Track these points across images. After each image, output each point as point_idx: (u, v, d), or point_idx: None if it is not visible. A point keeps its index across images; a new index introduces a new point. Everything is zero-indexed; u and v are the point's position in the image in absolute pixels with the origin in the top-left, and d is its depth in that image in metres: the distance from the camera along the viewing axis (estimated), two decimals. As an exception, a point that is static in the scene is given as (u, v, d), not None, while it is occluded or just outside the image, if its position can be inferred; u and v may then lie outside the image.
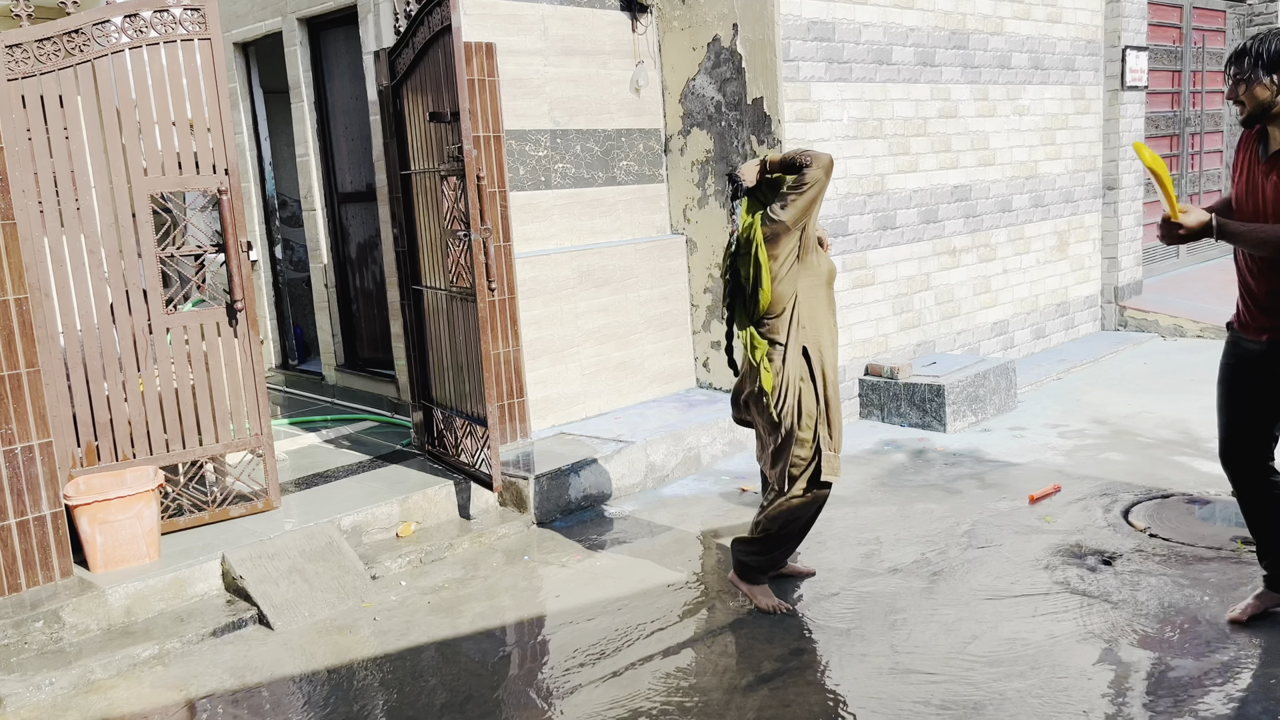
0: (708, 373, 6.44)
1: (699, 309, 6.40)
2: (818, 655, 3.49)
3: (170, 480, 4.37)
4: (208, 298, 4.60)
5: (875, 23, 6.25)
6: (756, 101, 5.82)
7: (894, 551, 4.29)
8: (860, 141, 6.22)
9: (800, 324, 3.62)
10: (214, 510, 4.44)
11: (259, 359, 4.49)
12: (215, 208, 4.35)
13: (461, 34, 4.39)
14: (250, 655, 3.72)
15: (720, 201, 6.13)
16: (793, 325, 3.61)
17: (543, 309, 5.66)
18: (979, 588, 3.87)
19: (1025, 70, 7.43)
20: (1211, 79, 10.02)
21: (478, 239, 4.48)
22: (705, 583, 4.13)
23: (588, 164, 5.95)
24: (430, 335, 5.14)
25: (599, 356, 5.96)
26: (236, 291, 4.36)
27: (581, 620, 3.86)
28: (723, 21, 5.90)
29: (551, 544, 4.66)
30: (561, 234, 5.86)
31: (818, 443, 3.66)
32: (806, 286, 3.62)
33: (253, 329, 4.45)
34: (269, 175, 7.09)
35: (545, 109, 5.72)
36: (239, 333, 4.43)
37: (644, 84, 6.15)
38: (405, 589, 4.23)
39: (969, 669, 3.30)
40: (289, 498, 4.74)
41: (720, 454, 5.72)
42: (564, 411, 5.81)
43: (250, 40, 6.72)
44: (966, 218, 7.07)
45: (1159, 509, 4.55)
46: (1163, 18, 9.15)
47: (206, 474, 4.58)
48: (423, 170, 4.94)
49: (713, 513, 4.93)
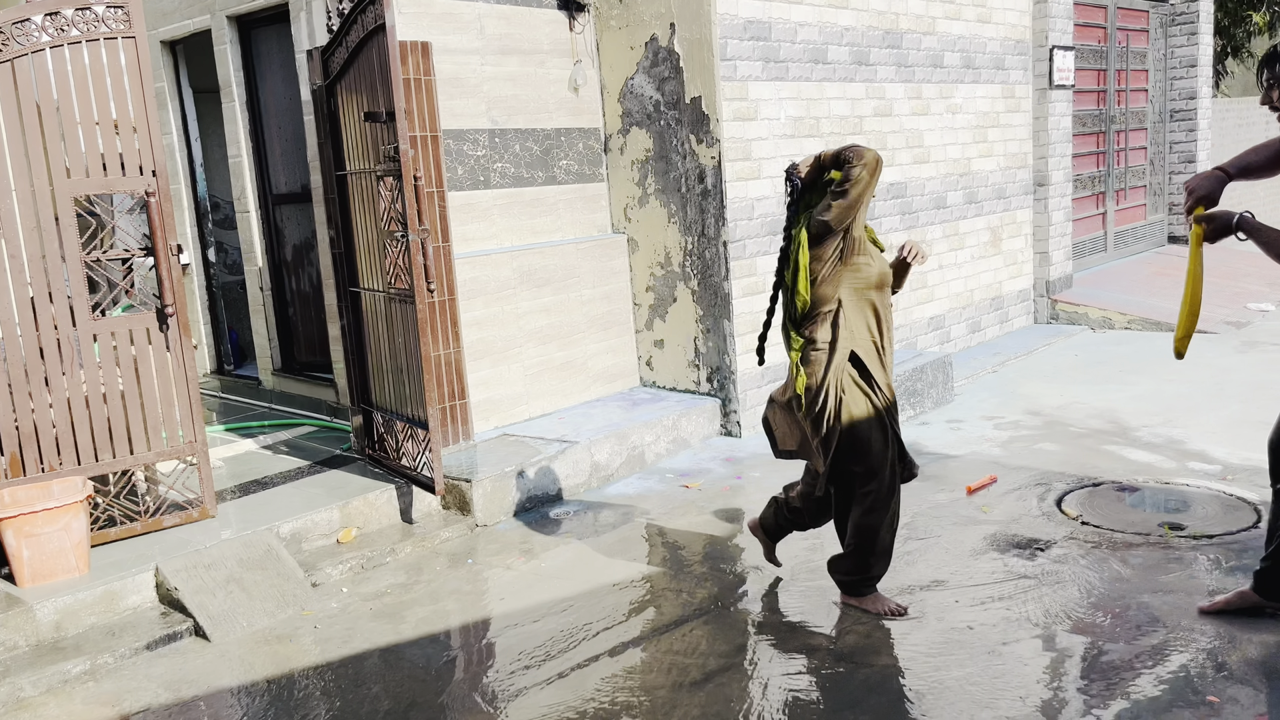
0: (651, 371, 6.45)
1: (641, 308, 6.41)
2: (761, 650, 3.51)
3: (100, 491, 4.25)
4: (137, 303, 4.48)
5: (811, 22, 6.31)
6: (695, 100, 5.84)
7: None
8: (798, 140, 6.28)
9: (848, 328, 3.46)
10: (146, 520, 4.33)
11: (191, 364, 4.39)
12: (143, 210, 4.24)
13: (396, 32, 4.34)
14: (186, 668, 3.64)
15: (660, 201, 6.15)
16: (839, 329, 3.46)
17: (484, 310, 5.62)
18: (919, 579, 3.94)
19: (957, 69, 7.57)
20: (1135, 78, 10.31)
21: (415, 240, 4.43)
22: (651, 581, 4.14)
23: (527, 163, 5.92)
24: (369, 338, 5.07)
25: (542, 357, 5.94)
26: (167, 296, 4.26)
27: (527, 622, 3.84)
28: (660, 21, 5.91)
29: (496, 546, 4.63)
30: (502, 234, 5.82)
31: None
32: (852, 289, 3.46)
33: (184, 334, 4.35)
34: (200, 177, 6.93)
35: (483, 108, 5.68)
36: (170, 338, 4.33)
37: (583, 83, 6.14)
38: (347, 595, 4.17)
39: (910, 659, 3.36)
40: (226, 505, 4.64)
41: (664, 452, 5.73)
42: (507, 413, 5.77)
43: (178, 39, 6.57)
44: (902, 214, 7.18)
45: (1090, 497, 4.68)
46: (1089, 18, 9.39)
47: (138, 483, 4.46)
48: (359, 171, 4.88)
49: (658, 510, 4.95)
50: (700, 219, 5.97)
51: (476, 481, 4.83)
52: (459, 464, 5.04)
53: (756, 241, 6.05)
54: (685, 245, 6.08)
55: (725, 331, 5.99)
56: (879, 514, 3.57)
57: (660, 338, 6.35)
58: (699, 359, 6.17)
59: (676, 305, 6.21)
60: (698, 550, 4.43)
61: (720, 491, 5.15)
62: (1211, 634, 3.35)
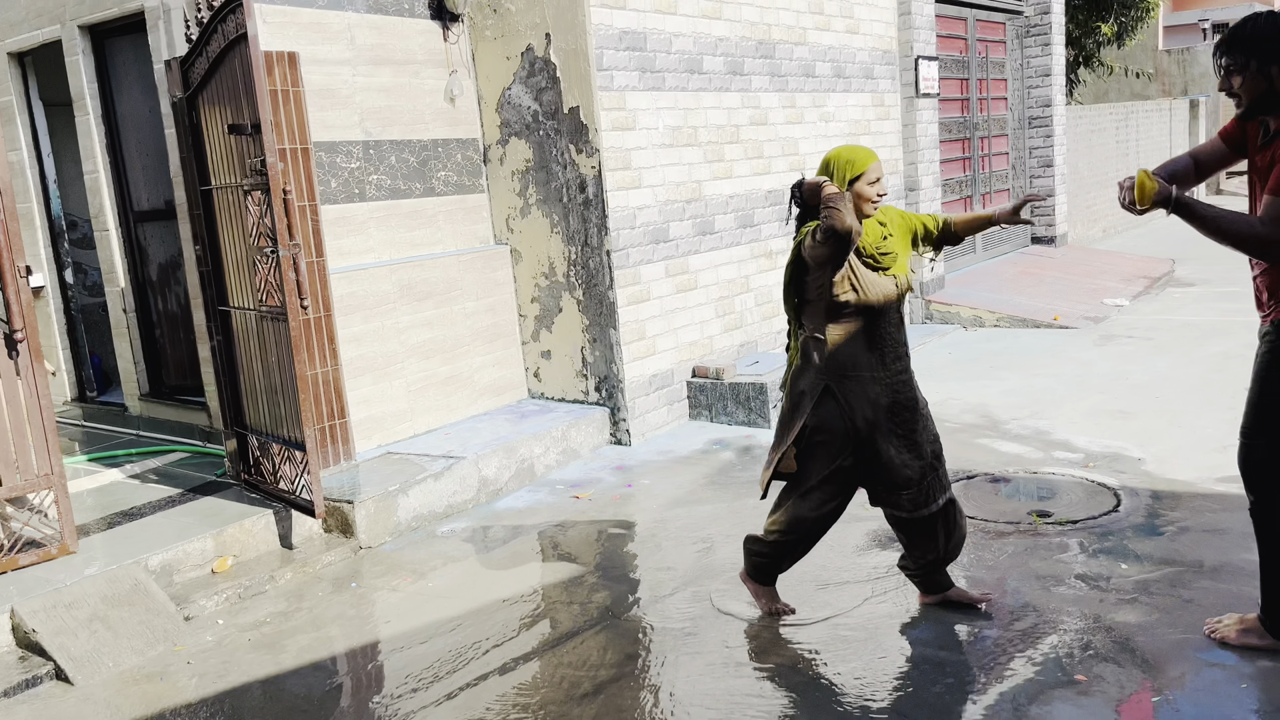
0: (539, 383, 6.41)
1: (527, 319, 6.36)
2: (653, 657, 3.51)
3: (-54, 531, 3.96)
4: (-17, 329, 4.21)
5: (686, 33, 6.39)
6: (573, 110, 5.84)
7: (726, 548, 4.38)
8: (677, 149, 6.35)
9: (833, 354, 3.34)
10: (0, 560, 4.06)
11: (45, 391, 4.14)
12: (-13, 230, 3.98)
13: (259, 42, 4.20)
14: (46, 714, 3.42)
15: (543, 211, 6.12)
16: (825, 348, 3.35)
17: (363, 325, 5.48)
18: (806, 577, 4.00)
19: (829, 79, 7.79)
20: (996, 86, 10.79)
21: (287, 255, 4.29)
22: (543, 594, 4.10)
23: (404, 175, 5.81)
24: (241, 358, 4.88)
25: (426, 371, 5.83)
26: (15, 320, 4.01)
27: (415, 644, 3.75)
28: (535, 31, 5.89)
29: (381, 568, 4.51)
30: (380, 247, 5.70)
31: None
32: (842, 312, 3.32)
33: (37, 360, 4.11)
34: (54, 194, 6.57)
35: (357, 119, 5.55)
36: (21, 365, 4.08)
37: (459, 93, 6.07)
38: (223, 628, 3.99)
39: (796, 657, 3.41)
40: (90, 540, 4.39)
41: (554, 464, 5.70)
42: (391, 430, 5.64)
43: (26, 50, 6.21)
44: (781, 221, 7.33)
45: (966, 489, 4.85)
46: (950, 29, 9.80)
47: (-10, 521, 4.18)
48: (225, 185, 4.70)
49: (548, 523, 4.91)
50: (583, 228, 5.96)
51: (359, 502, 4.70)
52: (340, 485, 4.90)
53: (640, 250, 6.08)
54: (569, 255, 6.06)
55: (612, 340, 6.00)
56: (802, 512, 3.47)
57: (547, 349, 6.32)
58: (587, 369, 6.16)
59: (562, 315, 6.19)
60: (590, 561, 4.41)
61: (610, 501, 5.14)
62: (1077, 615, 3.51)
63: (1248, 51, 2.88)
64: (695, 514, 4.84)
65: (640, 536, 4.65)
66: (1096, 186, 14.24)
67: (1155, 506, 4.46)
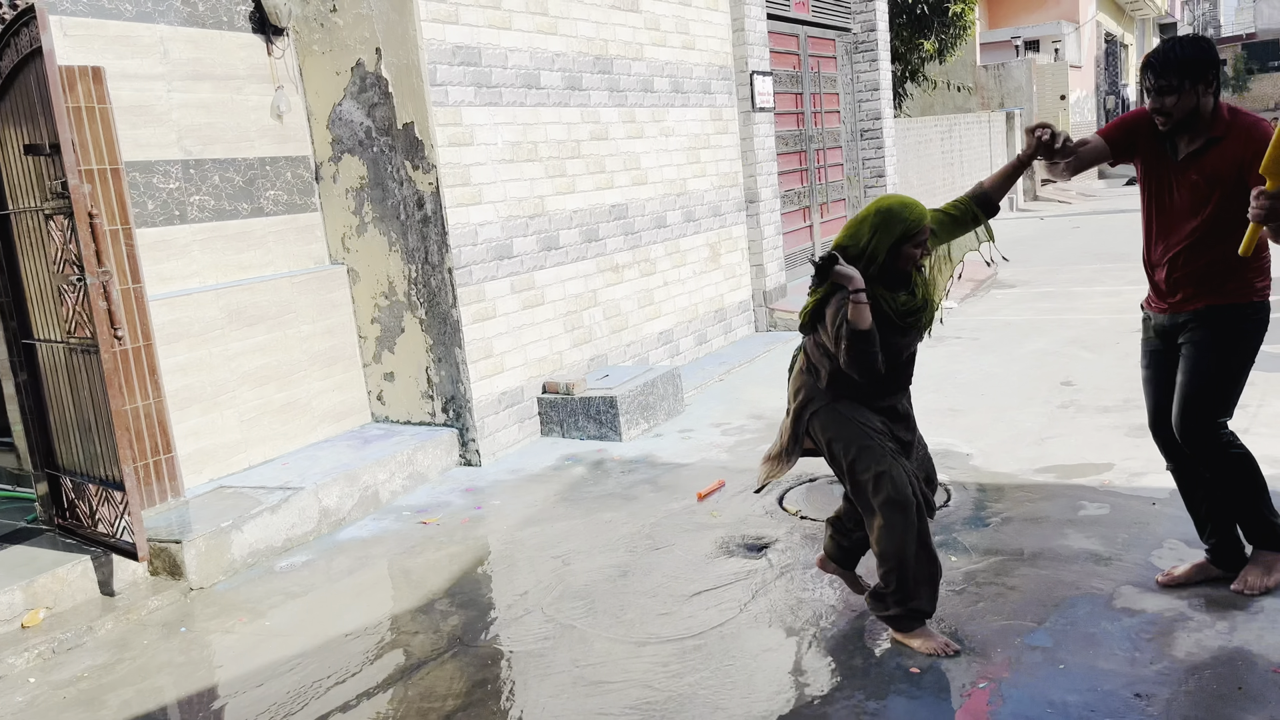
0: (383, 406, 6.23)
1: (368, 340, 6.17)
2: (502, 682, 3.45)
3: None
4: None
5: (522, 48, 6.36)
6: (407, 126, 5.72)
7: (581, 563, 4.35)
8: (517, 164, 6.30)
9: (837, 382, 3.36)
10: None
11: None
12: None
13: (55, 57, 3.92)
14: None
15: (380, 229, 5.96)
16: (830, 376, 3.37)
17: (188, 354, 5.19)
18: (658, 589, 4.02)
19: (667, 94, 7.91)
20: (829, 100, 11.21)
21: (96, 283, 4.02)
22: (389, 625, 3.97)
23: (229, 195, 5.55)
24: (50, 394, 4.54)
25: (260, 399, 5.57)
26: None
27: (250, 688, 3.56)
28: (365, 45, 5.74)
29: (215, 609, 4.27)
30: (205, 271, 5.41)
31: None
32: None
33: None
34: None
35: (174, 138, 5.26)
36: None
37: (286, 110, 5.84)
38: (34, 686, 3.69)
39: (647, 671, 3.41)
40: (-125, 602, 3.98)
41: (401, 489, 5.54)
42: (224, 462, 5.36)
43: None
44: (626, 235, 7.39)
45: (808, 492, 4.99)
46: (783, 45, 10.12)
47: None
48: (24, 209, 4.36)
49: (395, 551, 4.76)
50: (423, 246, 5.84)
51: (188, 541, 4.44)
52: (167, 524, 4.61)
53: (483, 267, 6.00)
54: (409, 274, 5.92)
55: (458, 359, 5.89)
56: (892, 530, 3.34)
57: (390, 370, 6.15)
58: (433, 389, 6.03)
59: (405, 336, 6.04)
60: (439, 588, 4.30)
61: (460, 524, 5.04)
62: (914, 608, 3.65)
63: (1181, 73, 3.10)
64: (548, 532, 4.80)
65: (493, 559, 4.57)
66: (926, 194, 15.01)
67: (982, 499, 4.70)
